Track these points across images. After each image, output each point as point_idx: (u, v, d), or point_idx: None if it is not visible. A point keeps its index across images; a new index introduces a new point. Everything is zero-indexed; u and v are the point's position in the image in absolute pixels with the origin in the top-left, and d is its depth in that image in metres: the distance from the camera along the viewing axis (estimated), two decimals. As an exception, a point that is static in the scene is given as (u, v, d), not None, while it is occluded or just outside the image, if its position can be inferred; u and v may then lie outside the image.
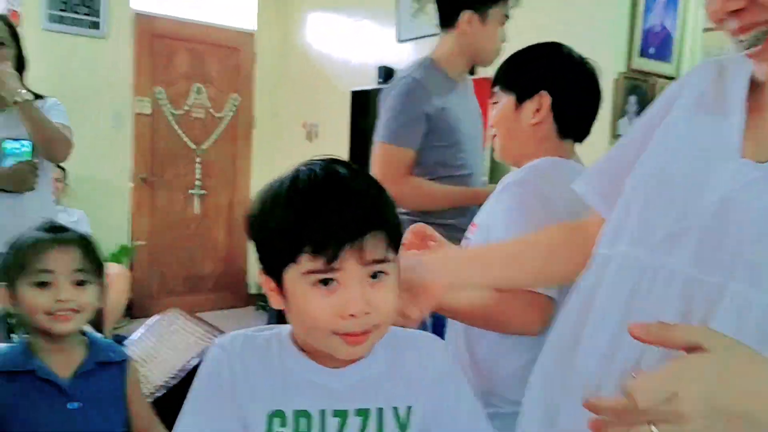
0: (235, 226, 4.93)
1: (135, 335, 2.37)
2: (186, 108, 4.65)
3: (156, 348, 2.08)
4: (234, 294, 4.97)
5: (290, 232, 0.73)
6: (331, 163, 0.78)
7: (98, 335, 1.32)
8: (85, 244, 1.22)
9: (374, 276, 0.74)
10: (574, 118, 1.30)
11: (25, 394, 1.14)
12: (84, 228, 2.95)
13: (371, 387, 0.82)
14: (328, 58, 4.53)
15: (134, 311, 4.18)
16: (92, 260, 1.22)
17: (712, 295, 0.68)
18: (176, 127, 4.59)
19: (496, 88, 1.33)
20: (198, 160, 4.71)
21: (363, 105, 3.96)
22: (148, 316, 2.91)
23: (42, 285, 1.16)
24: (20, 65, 2.06)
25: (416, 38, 3.70)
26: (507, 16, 1.87)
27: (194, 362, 1.68)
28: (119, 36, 4.31)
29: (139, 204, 4.48)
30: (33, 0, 3.98)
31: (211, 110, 4.76)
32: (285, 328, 0.84)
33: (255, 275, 4.91)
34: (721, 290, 0.68)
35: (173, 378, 1.67)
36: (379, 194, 0.78)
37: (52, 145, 2.03)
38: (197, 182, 4.71)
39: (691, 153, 0.77)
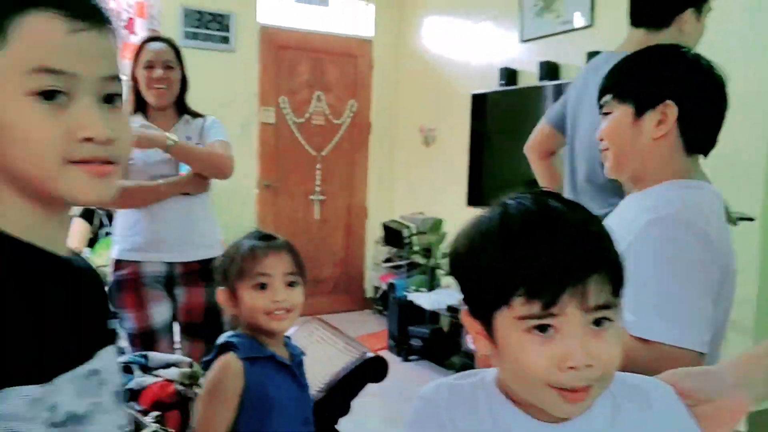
0: (352, 230, 5.03)
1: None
2: (307, 116, 4.80)
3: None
4: (351, 297, 5.07)
5: (503, 272, 0.66)
6: (542, 196, 0.71)
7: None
8: (292, 249, 1.35)
9: (597, 323, 0.66)
10: (702, 131, 1.14)
11: (269, 375, 1.28)
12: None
13: None
14: (447, 61, 4.51)
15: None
16: (298, 263, 1.33)
17: None
18: (298, 134, 4.75)
19: (607, 98, 1.18)
20: (318, 166, 4.84)
21: (483, 108, 3.91)
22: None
23: (261, 287, 1.28)
24: (183, 86, 2.18)
25: (540, 37, 3.59)
26: (710, 10, 1.77)
27: (342, 375, 1.72)
28: (247, 49, 4.52)
29: (264, 209, 4.67)
30: (171, 20, 4.26)
31: (330, 117, 4.89)
32: (488, 374, 0.77)
33: (372, 279, 4.98)
34: None
35: (320, 391, 1.71)
36: (600, 230, 0.70)
37: (213, 170, 2.15)
38: (317, 188, 4.85)
39: None
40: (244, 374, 1.24)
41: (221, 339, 1.30)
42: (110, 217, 3.54)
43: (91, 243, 3.50)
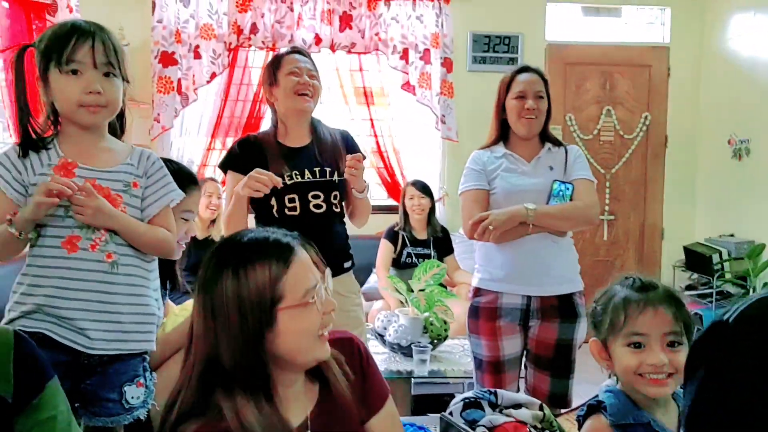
0: (645, 252, 4.67)
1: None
2: (595, 132, 4.60)
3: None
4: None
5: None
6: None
7: None
8: (676, 303, 1.19)
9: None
10: None
11: None
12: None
13: None
14: (758, 64, 3.94)
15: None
16: (683, 319, 1.18)
17: None
18: (585, 151, 4.57)
19: None
20: (607, 184, 4.60)
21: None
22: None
23: (635, 346, 1.17)
24: (548, 115, 2.17)
25: None
26: None
27: None
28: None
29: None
30: (461, 47, 4.42)
31: (620, 132, 4.61)
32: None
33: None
34: None
35: None
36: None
37: (580, 226, 2.20)
38: (606, 207, 4.61)
39: None
40: None
41: (598, 393, 1.25)
42: (412, 241, 3.78)
43: (395, 262, 3.75)
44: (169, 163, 1.63)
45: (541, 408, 1.59)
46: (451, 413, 1.60)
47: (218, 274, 1.05)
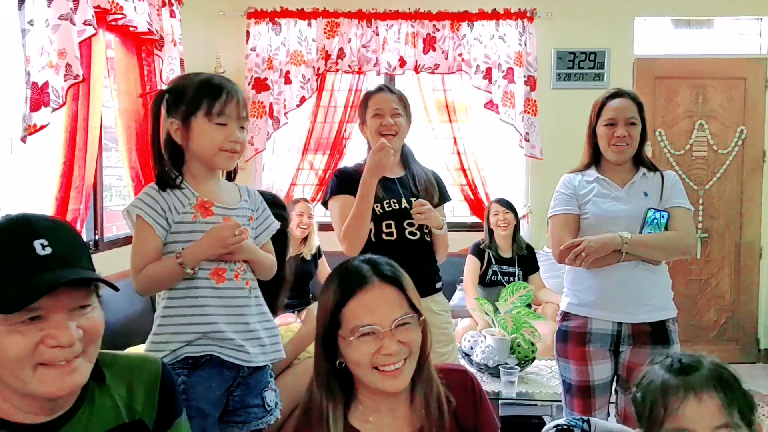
0: (743, 271, 4.47)
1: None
2: (687, 147, 4.46)
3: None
4: (742, 347, 4.49)
5: None
6: None
7: None
8: (724, 385, 1.05)
9: None
10: None
11: None
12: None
13: None
14: None
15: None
16: (738, 404, 1.04)
17: None
18: (677, 168, 4.43)
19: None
20: (700, 201, 4.44)
21: None
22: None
23: None
24: (642, 140, 2.17)
25: None
26: None
27: None
28: (620, 82, 4.37)
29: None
30: (545, 65, 4.41)
31: (714, 147, 4.45)
32: None
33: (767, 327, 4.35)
34: None
35: None
36: None
37: (675, 256, 2.17)
38: (699, 224, 4.44)
39: None
40: None
41: None
42: (497, 259, 3.79)
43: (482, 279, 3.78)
44: (263, 194, 1.77)
45: (635, 437, 1.59)
46: (544, 438, 1.62)
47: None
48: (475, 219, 4.46)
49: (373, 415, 1.23)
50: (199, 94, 1.49)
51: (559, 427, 1.68)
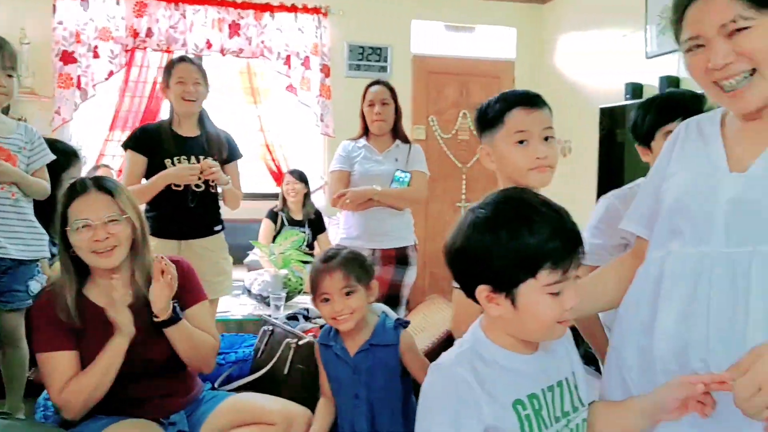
0: (495, 234, 5.49)
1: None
2: (453, 132, 5.38)
3: (421, 322, 2.82)
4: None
5: (531, 250, 0.94)
6: (522, 191, 1.05)
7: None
8: (345, 265, 1.72)
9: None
10: None
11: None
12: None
13: (551, 364, 1.05)
14: (579, 77, 4.84)
15: (410, 304, 4.99)
16: (356, 274, 1.71)
17: (744, 262, 0.99)
18: (445, 148, 5.34)
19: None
20: (463, 176, 5.39)
21: (612, 121, 4.20)
22: (419, 304, 3.65)
23: (325, 301, 1.71)
24: (398, 115, 2.92)
25: (664, 53, 3.83)
26: None
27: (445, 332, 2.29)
28: (401, 75, 5.20)
29: (415, 215, 5.29)
30: (339, 55, 5.08)
31: (474, 132, 5.40)
32: (475, 337, 1.04)
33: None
34: (752, 256, 0.98)
35: (432, 344, 2.30)
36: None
37: (409, 206, 2.94)
38: (463, 195, 5.39)
39: (697, 178, 1.09)
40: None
41: None
42: (289, 220, 4.39)
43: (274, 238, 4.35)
44: (56, 141, 2.29)
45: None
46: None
47: None
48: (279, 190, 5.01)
49: (101, 288, 1.73)
50: None
51: (288, 315, 2.30)
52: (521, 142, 1.39)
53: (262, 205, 4.60)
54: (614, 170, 4.14)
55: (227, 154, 2.82)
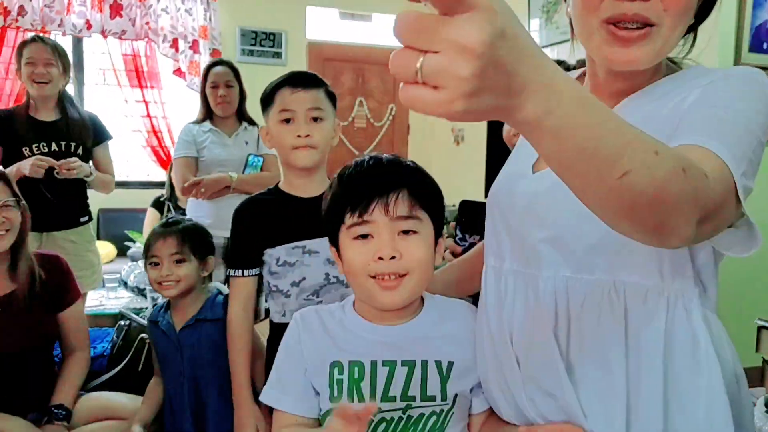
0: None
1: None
2: (350, 119, 5.37)
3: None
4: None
5: (339, 197, 0.95)
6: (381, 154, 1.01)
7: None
8: (179, 233, 1.70)
9: (405, 233, 0.94)
10: None
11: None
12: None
13: (417, 343, 0.97)
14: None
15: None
16: (187, 243, 1.70)
17: (534, 283, 0.84)
18: (342, 136, 5.30)
19: None
20: (361, 164, 5.39)
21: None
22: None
23: (155, 265, 1.70)
24: (242, 99, 2.82)
25: (549, 45, 3.97)
26: None
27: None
28: (296, 62, 5.13)
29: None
30: (230, 40, 4.95)
31: (371, 120, 5.43)
32: (351, 298, 1.04)
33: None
34: (536, 278, 0.84)
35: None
36: (404, 162, 1.00)
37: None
38: (360, 184, 5.40)
39: (505, 176, 0.97)
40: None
41: None
42: (176, 208, 4.24)
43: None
44: None
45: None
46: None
47: None
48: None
49: None
50: None
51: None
52: (287, 121, 1.44)
53: (149, 193, 4.42)
54: (503, 158, 4.25)
55: (93, 136, 2.67)
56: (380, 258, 0.91)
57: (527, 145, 0.86)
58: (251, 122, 2.86)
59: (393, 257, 0.91)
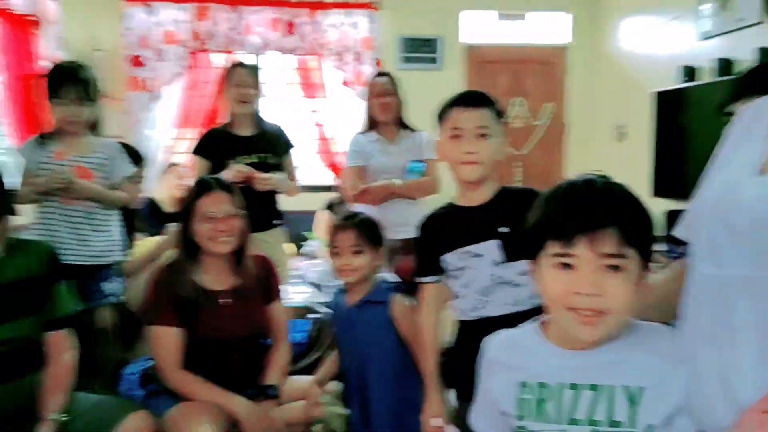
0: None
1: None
2: (509, 119, 5.40)
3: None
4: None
5: (541, 222, 0.94)
6: (591, 174, 0.96)
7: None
8: (358, 225, 1.91)
9: (611, 268, 0.89)
10: None
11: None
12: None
13: (607, 368, 0.94)
14: (634, 61, 4.77)
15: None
16: (366, 236, 1.90)
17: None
18: (499, 136, 5.35)
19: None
20: (519, 163, 5.41)
21: (668, 105, 4.12)
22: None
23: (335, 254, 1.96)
24: (401, 106, 3.04)
25: (718, 35, 3.74)
26: None
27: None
28: (453, 66, 5.26)
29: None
30: (391, 49, 5.18)
31: (528, 119, 5.42)
32: (540, 319, 1.05)
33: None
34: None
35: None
36: (619, 191, 0.93)
37: (425, 195, 2.98)
38: (517, 182, 5.40)
39: (721, 184, 0.91)
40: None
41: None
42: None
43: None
44: (127, 146, 2.45)
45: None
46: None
47: None
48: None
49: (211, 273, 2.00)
50: (48, 80, 2.29)
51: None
52: (456, 137, 1.57)
53: (319, 197, 4.77)
54: (674, 155, 4.06)
55: (282, 147, 2.99)
56: (578, 293, 0.90)
57: (742, 149, 0.91)
58: (411, 129, 3.05)
59: (594, 294, 0.89)
